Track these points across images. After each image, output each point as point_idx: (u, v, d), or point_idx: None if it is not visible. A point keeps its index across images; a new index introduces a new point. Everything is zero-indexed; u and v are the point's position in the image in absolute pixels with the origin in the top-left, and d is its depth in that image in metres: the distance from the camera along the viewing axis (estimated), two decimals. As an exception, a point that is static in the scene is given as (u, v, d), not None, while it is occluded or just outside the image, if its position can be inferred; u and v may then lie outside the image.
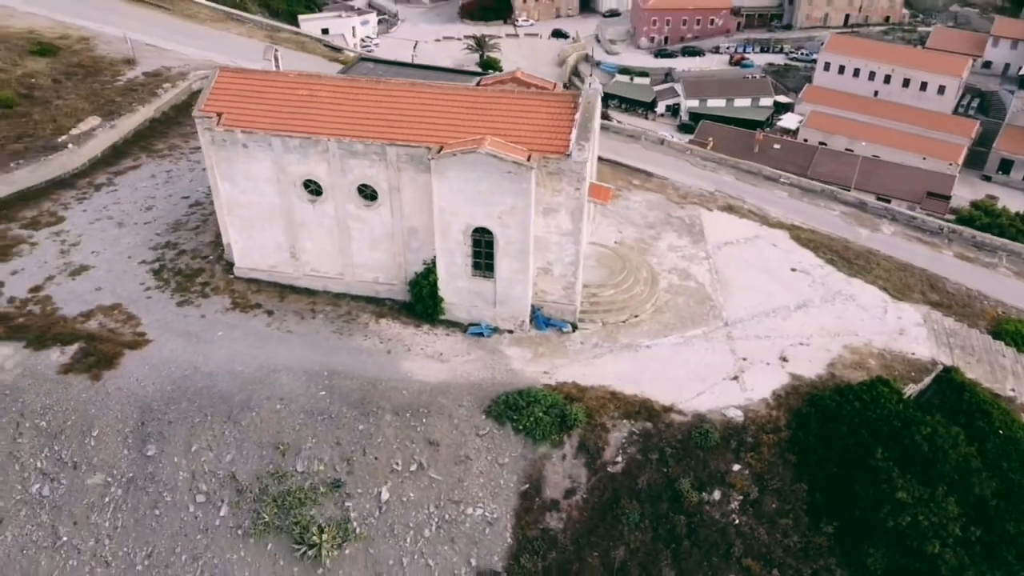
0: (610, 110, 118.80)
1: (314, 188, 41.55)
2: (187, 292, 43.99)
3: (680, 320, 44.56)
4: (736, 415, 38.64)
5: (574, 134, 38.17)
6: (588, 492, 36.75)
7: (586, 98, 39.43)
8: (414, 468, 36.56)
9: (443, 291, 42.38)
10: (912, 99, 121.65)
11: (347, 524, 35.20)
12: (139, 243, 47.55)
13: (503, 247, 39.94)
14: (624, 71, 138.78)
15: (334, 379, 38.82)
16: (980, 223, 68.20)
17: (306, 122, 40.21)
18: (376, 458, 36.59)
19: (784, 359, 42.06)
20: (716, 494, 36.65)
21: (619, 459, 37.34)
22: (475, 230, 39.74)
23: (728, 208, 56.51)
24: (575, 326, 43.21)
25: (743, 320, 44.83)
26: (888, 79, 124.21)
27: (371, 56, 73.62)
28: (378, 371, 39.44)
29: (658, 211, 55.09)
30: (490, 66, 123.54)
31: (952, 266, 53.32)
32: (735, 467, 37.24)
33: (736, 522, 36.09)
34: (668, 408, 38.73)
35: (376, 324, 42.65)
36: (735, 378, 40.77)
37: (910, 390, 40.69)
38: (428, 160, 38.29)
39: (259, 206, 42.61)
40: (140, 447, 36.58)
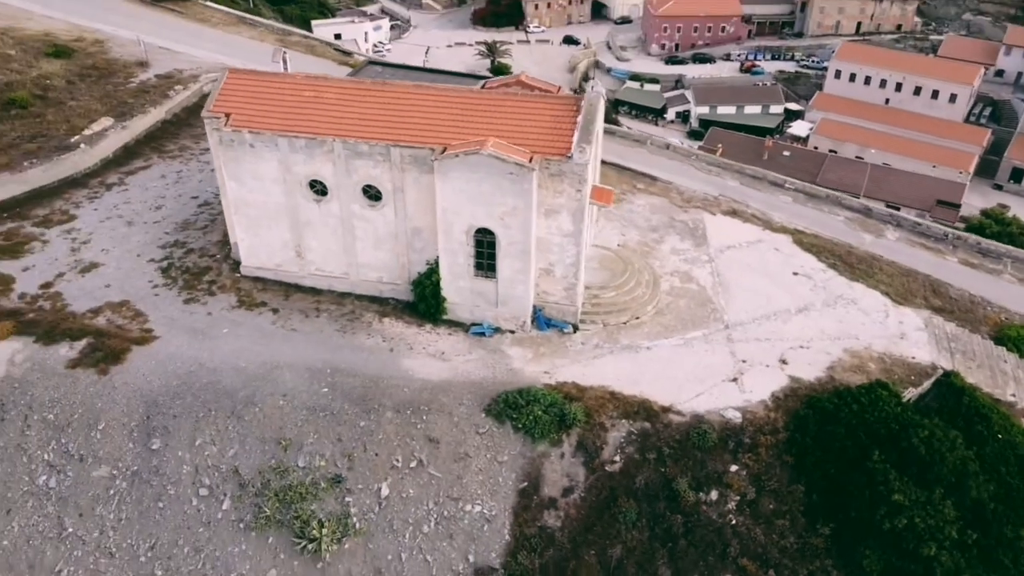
0: (620, 116, 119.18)
1: (319, 188, 42.09)
2: (194, 290, 44.61)
3: (681, 322, 44.79)
4: (734, 416, 38.81)
5: (576, 136, 38.55)
6: (586, 491, 37.00)
7: (588, 101, 39.85)
8: (414, 465, 36.95)
9: (446, 291, 42.80)
10: (923, 107, 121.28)
11: (347, 519, 35.58)
12: (148, 241, 48.26)
13: (505, 248, 40.34)
14: (635, 77, 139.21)
15: (337, 376, 39.25)
16: (990, 231, 67.91)
17: (312, 123, 40.74)
18: (376, 454, 37.01)
19: (784, 362, 42.21)
20: (713, 494, 36.83)
21: (617, 458, 37.60)
22: (477, 231, 40.13)
23: (731, 212, 56.70)
24: (576, 327, 43.50)
25: (744, 323, 45.02)
26: (899, 87, 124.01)
27: (379, 60, 74.27)
28: (380, 369, 39.85)
29: (661, 215, 55.36)
30: (501, 72, 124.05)
31: (956, 272, 53.26)
32: (732, 468, 37.43)
33: (733, 522, 36.28)
34: (667, 409, 38.95)
35: (379, 323, 43.10)
36: (734, 380, 40.95)
37: (909, 394, 40.76)
38: (432, 161, 38.75)
39: (265, 205, 43.19)
40: (145, 441, 37.17)
